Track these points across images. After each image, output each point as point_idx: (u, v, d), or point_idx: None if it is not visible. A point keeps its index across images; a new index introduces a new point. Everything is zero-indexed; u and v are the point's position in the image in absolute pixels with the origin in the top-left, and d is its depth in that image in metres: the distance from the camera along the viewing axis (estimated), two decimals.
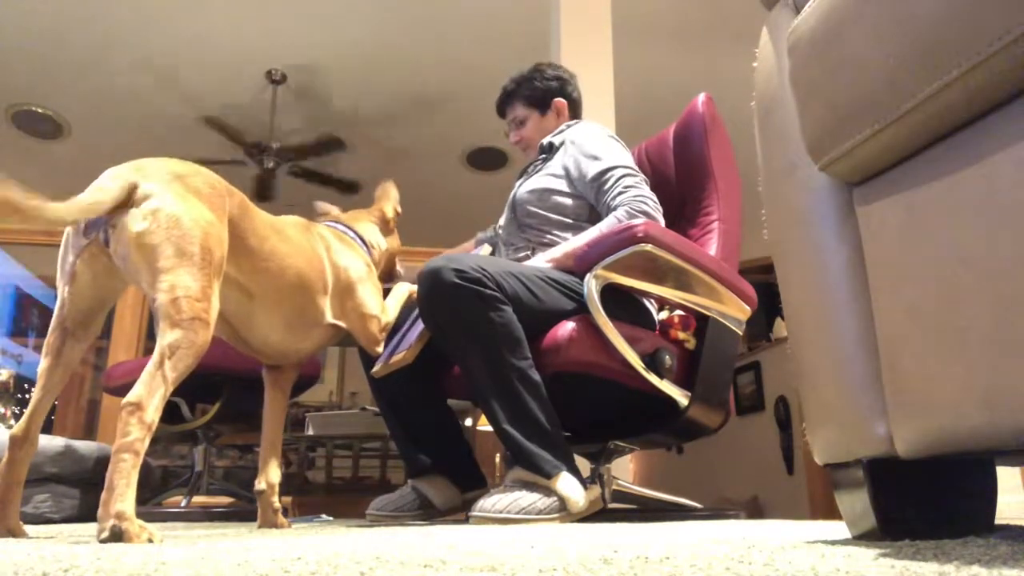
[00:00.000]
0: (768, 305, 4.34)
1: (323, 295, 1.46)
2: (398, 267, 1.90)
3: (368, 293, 1.57)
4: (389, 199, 1.88)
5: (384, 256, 1.79)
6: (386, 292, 1.71)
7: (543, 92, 2.04)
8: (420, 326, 1.59)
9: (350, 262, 1.55)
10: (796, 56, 0.77)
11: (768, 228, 0.89)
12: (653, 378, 1.53)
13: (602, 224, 1.69)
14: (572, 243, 1.70)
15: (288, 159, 4.99)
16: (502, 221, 1.96)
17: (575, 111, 2.08)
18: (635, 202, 1.67)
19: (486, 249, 1.92)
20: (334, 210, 1.84)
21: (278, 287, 1.35)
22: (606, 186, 1.73)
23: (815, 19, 0.74)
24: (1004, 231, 0.58)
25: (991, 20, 0.56)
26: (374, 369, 1.69)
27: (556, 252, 1.70)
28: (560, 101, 2.04)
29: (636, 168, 1.78)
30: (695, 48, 4.44)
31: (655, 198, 1.72)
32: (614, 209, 1.69)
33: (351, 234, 1.66)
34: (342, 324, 1.52)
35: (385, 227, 1.82)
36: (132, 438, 0.93)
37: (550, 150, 1.93)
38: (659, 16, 4.19)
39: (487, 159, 5.62)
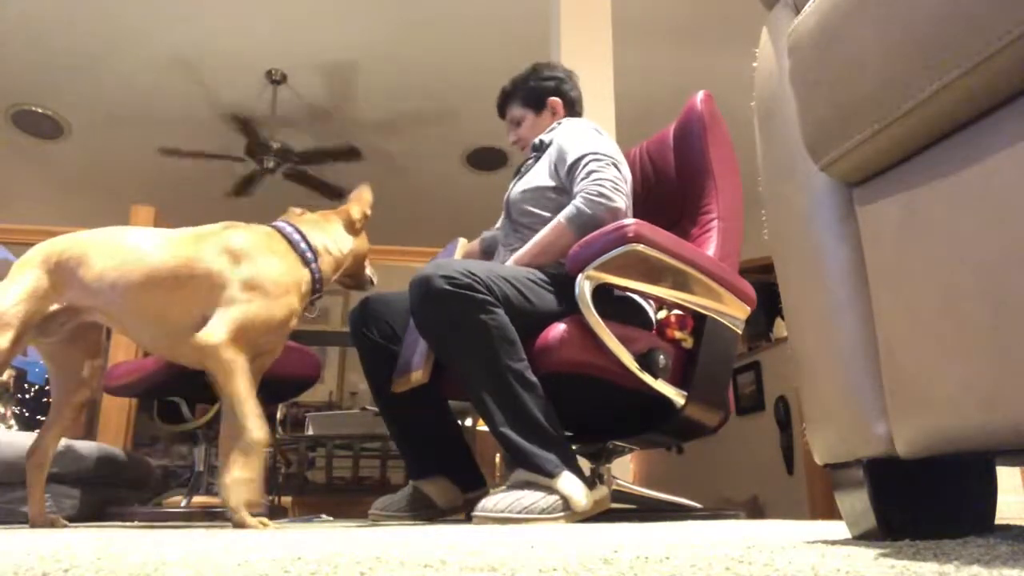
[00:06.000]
0: (768, 305, 4.34)
1: (201, 303, 1.49)
2: (367, 271, 1.89)
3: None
4: (359, 202, 1.87)
5: (348, 257, 1.78)
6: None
7: (539, 92, 2.04)
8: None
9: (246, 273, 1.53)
10: (796, 56, 0.77)
11: (768, 228, 0.89)
12: (647, 378, 1.53)
13: (560, 215, 1.67)
14: (529, 243, 1.71)
15: (290, 160, 4.99)
16: (499, 223, 1.97)
17: (572, 109, 2.06)
18: (591, 186, 1.65)
19: (460, 250, 1.93)
20: (304, 212, 1.82)
21: (118, 303, 1.51)
22: (574, 173, 1.73)
23: (815, 19, 0.74)
24: (1004, 231, 0.58)
25: (991, 20, 0.56)
26: (392, 387, 1.73)
27: (520, 252, 1.71)
28: (555, 100, 2.03)
29: (608, 153, 1.73)
30: (695, 48, 4.44)
31: (617, 177, 1.69)
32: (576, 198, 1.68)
33: (296, 236, 1.65)
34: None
35: (351, 228, 1.81)
36: None
37: (540, 148, 1.93)
38: (659, 16, 4.19)
39: (487, 159, 5.62)
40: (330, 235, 1.74)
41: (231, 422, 1.46)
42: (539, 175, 1.84)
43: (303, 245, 1.65)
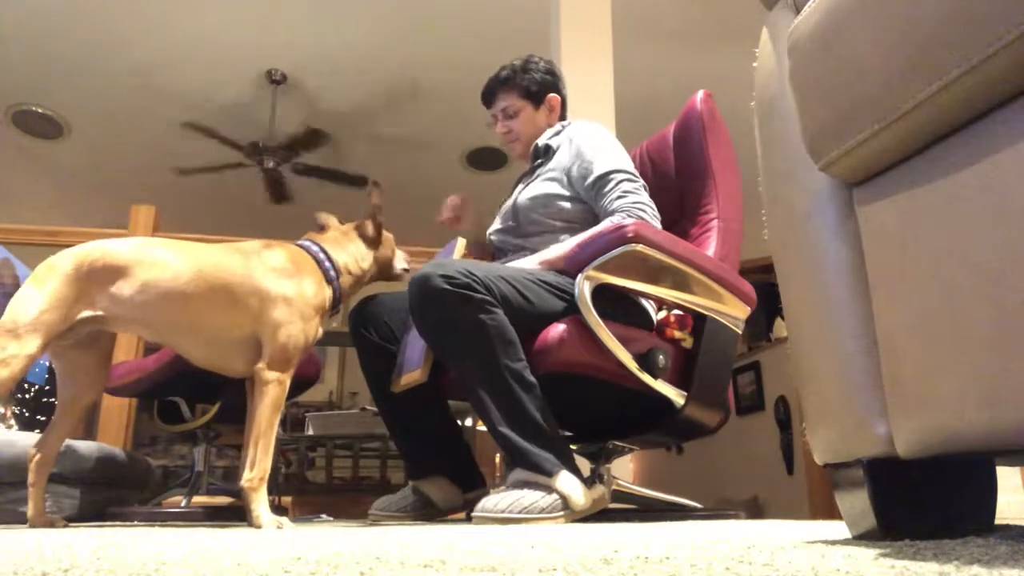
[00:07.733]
0: (768, 305, 4.35)
1: (251, 319, 1.58)
2: (396, 265, 1.93)
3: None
4: (372, 209, 1.93)
5: (372, 268, 1.86)
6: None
7: (539, 85, 1.98)
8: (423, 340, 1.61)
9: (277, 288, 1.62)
10: (796, 56, 0.77)
11: (768, 228, 0.89)
12: (647, 378, 1.53)
13: (597, 228, 1.67)
14: (565, 245, 1.70)
15: (287, 158, 4.99)
16: (498, 225, 1.93)
17: (564, 110, 2.05)
18: (633, 208, 1.67)
19: (460, 250, 1.94)
20: (332, 221, 1.89)
21: (166, 315, 1.55)
22: (605, 189, 1.72)
23: (815, 19, 0.74)
24: (1004, 231, 0.58)
25: (991, 20, 0.56)
26: (391, 387, 1.73)
27: (549, 254, 1.70)
28: (554, 97, 2.00)
29: (636, 173, 1.76)
30: (695, 48, 4.45)
31: (653, 205, 1.72)
32: (611, 214, 1.69)
33: (321, 256, 1.74)
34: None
35: (369, 242, 1.88)
36: None
37: (547, 153, 1.90)
38: (659, 16, 4.19)
39: (487, 159, 5.62)
40: (351, 253, 1.81)
41: (253, 438, 1.56)
42: (549, 182, 1.82)
43: (327, 264, 1.73)
